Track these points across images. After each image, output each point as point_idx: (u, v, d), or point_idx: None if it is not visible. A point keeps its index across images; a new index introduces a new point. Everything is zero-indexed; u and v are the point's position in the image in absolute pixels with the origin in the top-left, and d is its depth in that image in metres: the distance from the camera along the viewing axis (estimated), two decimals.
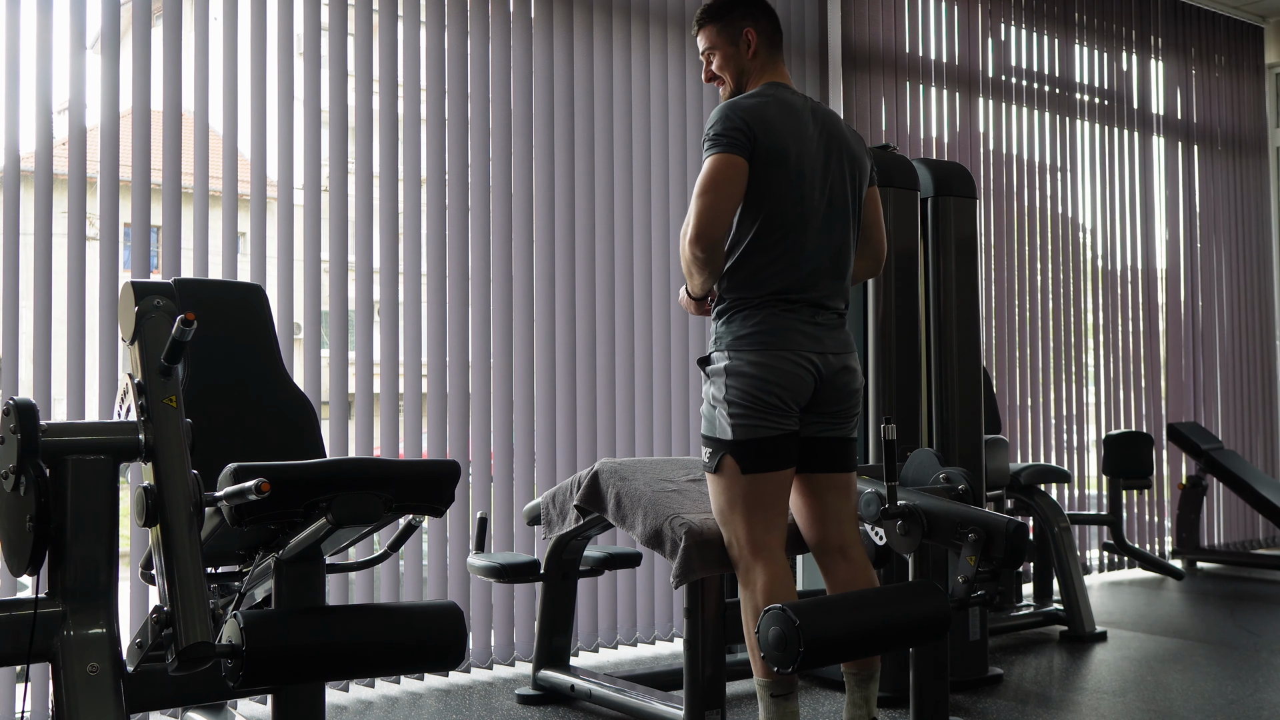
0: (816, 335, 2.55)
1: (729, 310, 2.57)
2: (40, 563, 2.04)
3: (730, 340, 2.55)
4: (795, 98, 2.63)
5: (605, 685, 3.39)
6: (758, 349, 2.51)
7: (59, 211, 3.35)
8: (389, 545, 2.65)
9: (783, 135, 2.54)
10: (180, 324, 1.97)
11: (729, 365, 2.53)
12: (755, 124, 2.51)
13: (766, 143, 2.51)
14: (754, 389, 2.49)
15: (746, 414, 2.50)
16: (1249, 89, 7.20)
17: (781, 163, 2.53)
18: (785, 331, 2.52)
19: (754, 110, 2.54)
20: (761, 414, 2.49)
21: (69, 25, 3.39)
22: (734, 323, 2.55)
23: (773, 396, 2.49)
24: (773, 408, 2.50)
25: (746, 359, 2.51)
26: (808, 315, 2.55)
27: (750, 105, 2.55)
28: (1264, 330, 7.19)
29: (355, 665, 2.14)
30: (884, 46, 5.36)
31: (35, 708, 3.22)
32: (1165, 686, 3.71)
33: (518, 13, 4.25)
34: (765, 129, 2.52)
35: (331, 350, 3.79)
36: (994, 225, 5.78)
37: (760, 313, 2.53)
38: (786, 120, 2.56)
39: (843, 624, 2.41)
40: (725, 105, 2.56)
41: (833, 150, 2.62)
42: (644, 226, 4.45)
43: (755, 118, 2.52)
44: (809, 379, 2.53)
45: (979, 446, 3.73)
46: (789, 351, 2.51)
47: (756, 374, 2.49)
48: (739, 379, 2.51)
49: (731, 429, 2.51)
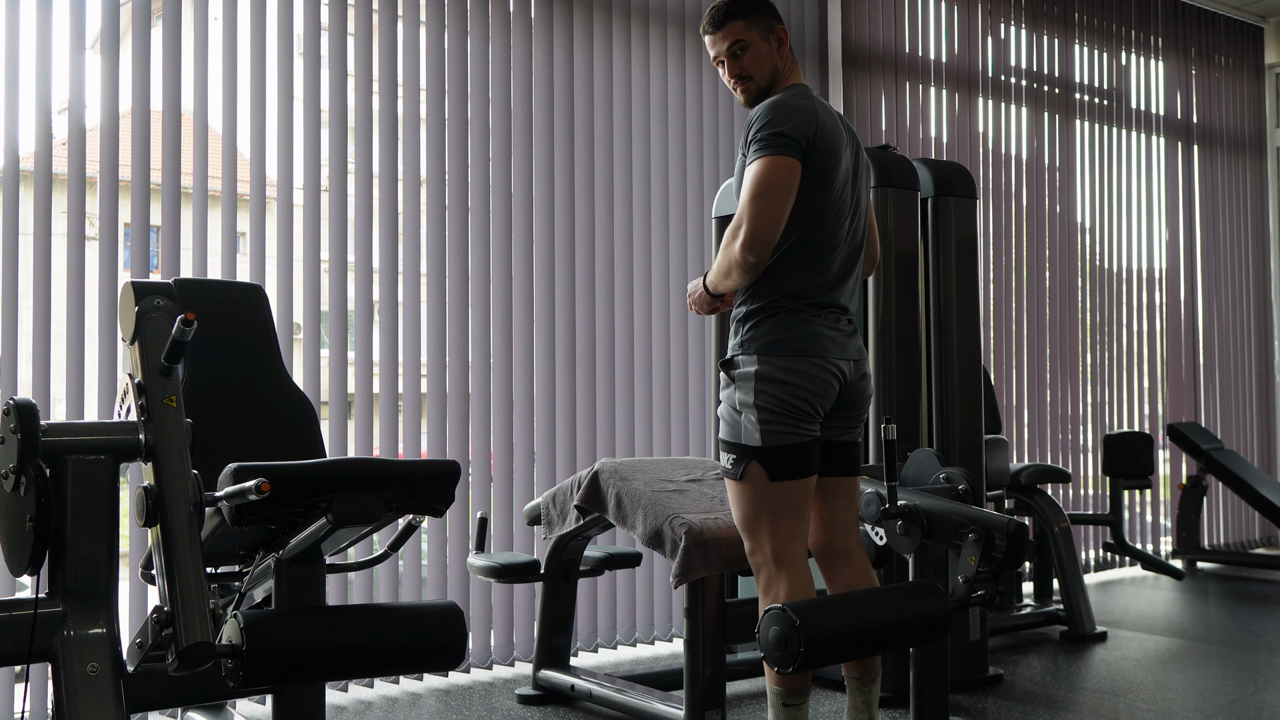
0: (842, 341, 2.53)
1: (760, 314, 2.50)
2: (40, 563, 2.04)
3: (760, 345, 2.48)
4: (815, 100, 2.57)
5: (605, 685, 3.39)
6: (792, 355, 2.46)
7: (59, 211, 3.35)
8: (389, 545, 2.65)
9: (835, 141, 2.50)
10: (180, 324, 1.97)
11: (760, 370, 2.46)
12: (810, 127, 2.44)
13: (821, 147, 2.45)
14: (787, 395, 2.44)
15: (777, 420, 2.43)
16: (1249, 89, 7.20)
17: (833, 169, 2.49)
18: (817, 338, 2.48)
19: (809, 113, 2.46)
20: (793, 421, 2.44)
21: (69, 25, 3.39)
22: (763, 326, 2.49)
23: (804, 403, 2.45)
24: (804, 414, 2.45)
25: (779, 364, 2.45)
26: (833, 321, 2.52)
27: (804, 107, 2.47)
28: (1264, 330, 7.19)
29: (355, 665, 2.14)
30: (884, 46, 5.36)
31: (35, 708, 3.22)
32: (1165, 686, 3.71)
33: (518, 13, 4.25)
34: (820, 133, 2.46)
35: (331, 350, 3.79)
36: (994, 225, 5.78)
37: (793, 318, 2.47)
38: (832, 125, 2.52)
39: (843, 624, 2.41)
40: (775, 104, 2.45)
41: (857, 156, 2.61)
42: (644, 226, 4.45)
43: (810, 120, 2.45)
44: (835, 385, 2.50)
45: (979, 446, 3.73)
46: (820, 358, 2.47)
47: (790, 380, 2.44)
48: (771, 384, 2.44)
49: (761, 435, 2.44)
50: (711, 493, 3.10)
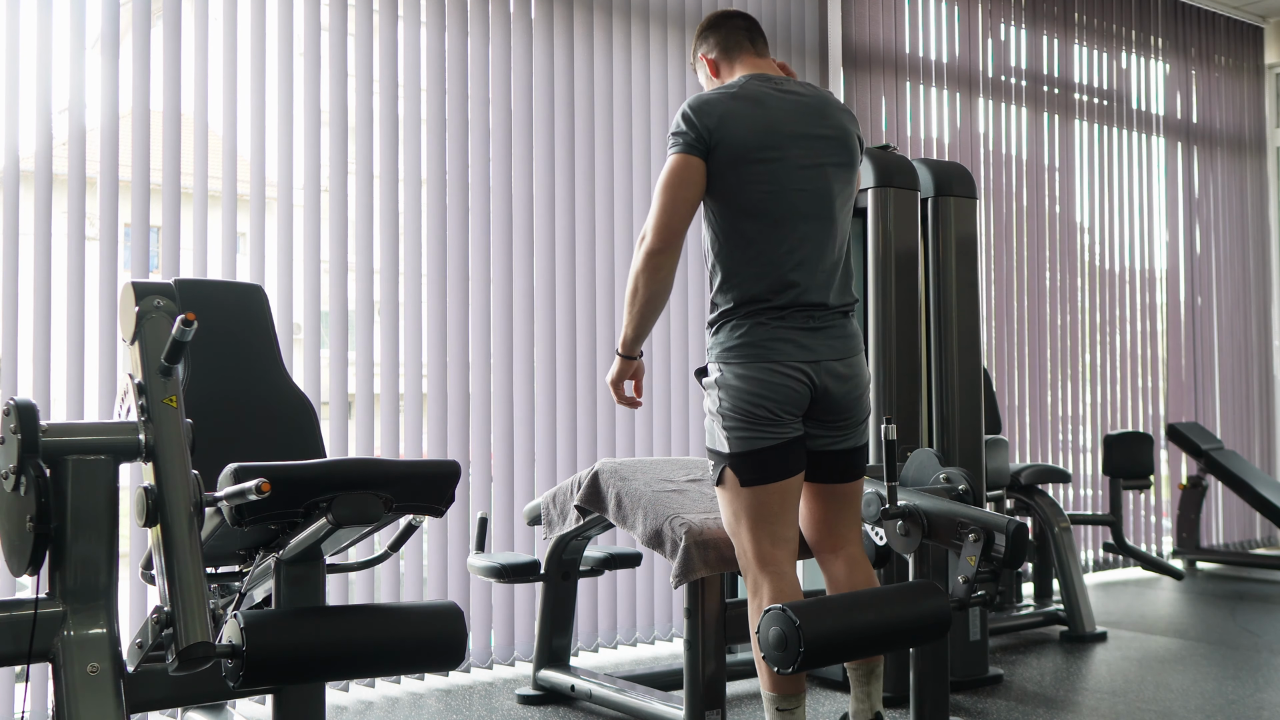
0: (807, 344, 2.44)
1: (717, 320, 2.50)
2: (40, 563, 2.04)
3: (719, 352, 2.48)
4: (765, 87, 2.52)
5: (605, 685, 3.39)
6: (743, 361, 2.43)
7: (58, 212, 3.35)
8: (389, 545, 2.65)
9: (745, 126, 2.45)
10: (180, 324, 1.96)
11: (719, 378, 2.46)
12: (708, 120, 2.44)
13: (729, 140, 2.43)
14: (743, 401, 2.41)
15: (739, 427, 2.42)
16: (1249, 89, 7.20)
17: (746, 158, 2.45)
18: (771, 342, 2.42)
19: (709, 107, 2.46)
20: (755, 426, 2.41)
21: (69, 25, 3.39)
22: (721, 333, 2.48)
23: (762, 409, 2.41)
24: (764, 419, 2.41)
25: (734, 371, 2.43)
26: (799, 321, 2.45)
27: (706, 101, 2.48)
28: (1264, 330, 7.19)
29: (355, 665, 2.14)
30: (884, 46, 5.36)
31: (35, 708, 3.22)
32: (1165, 686, 3.71)
33: (518, 13, 4.25)
34: (726, 124, 2.44)
35: (331, 350, 3.79)
36: (994, 225, 5.78)
37: (746, 323, 2.44)
38: (752, 110, 2.46)
39: (843, 624, 2.40)
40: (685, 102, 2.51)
41: (817, 138, 2.50)
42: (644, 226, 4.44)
43: (709, 114, 2.45)
44: (802, 389, 2.43)
45: (979, 446, 3.73)
46: (775, 363, 2.41)
47: (744, 386, 2.41)
48: (728, 391, 2.43)
49: (728, 442, 2.44)
50: (711, 493, 3.10)
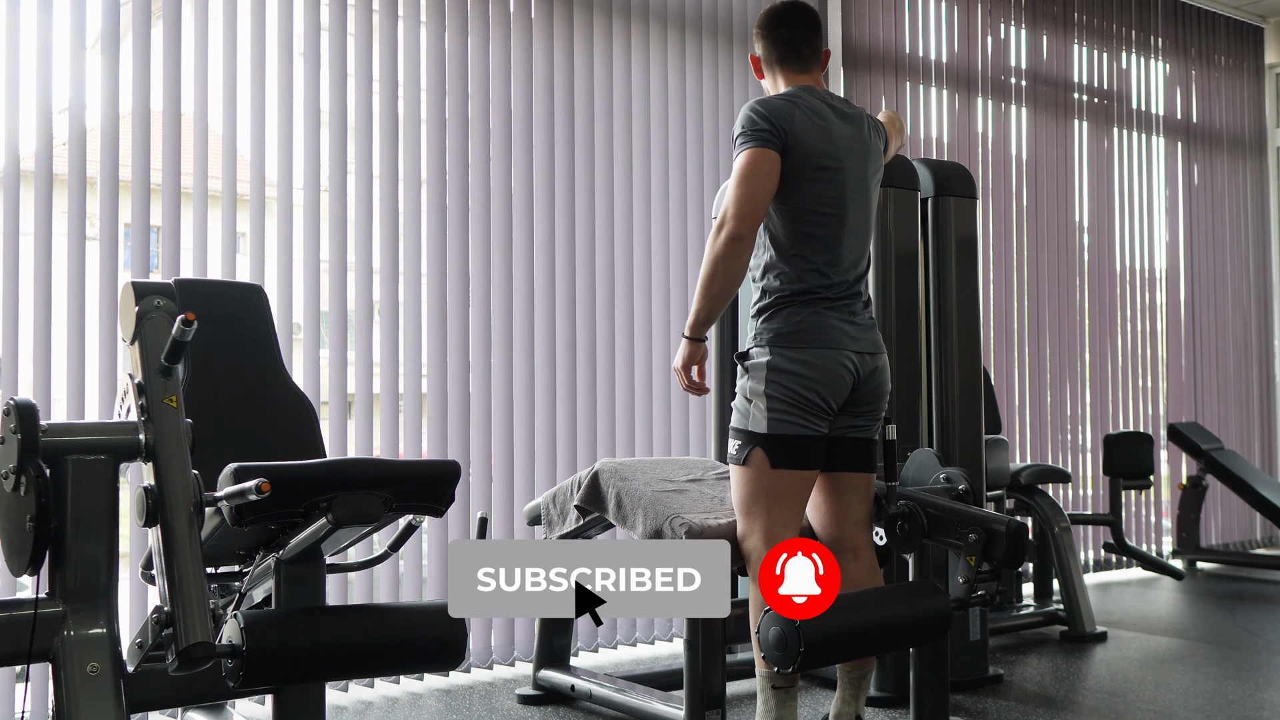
0: (855, 334, 2.59)
1: (772, 308, 2.59)
2: (40, 563, 2.04)
3: (772, 337, 2.56)
4: (818, 102, 2.66)
5: (605, 685, 3.39)
6: (803, 346, 2.53)
7: (59, 212, 3.35)
8: (389, 545, 2.65)
9: (825, 132, 2.59)
10: (180, 324, 1.97)
11: (771, 361, 2.54)
12: (782, 122, 2.55)
13: (802, 139, 2.55)
14: (798, 386, 2.51)
15: (785, 410, 2.51)
16: (1249, 89, 7.20)
17: (814, 164, 2.57)
18: (829, 329, 2.55)
19: (780, 110, 2.57)
20: (801, 412, 2.51)
21: (69, 25, 3.39)
22: (776, 320, 2.57)
23: (815, 395, 2.52)
24: (813, 407, 2.52)
25: (790, 356, 2.53)
26: (846, 314, 2.59)
27: (776, 105, 2.58)
28: (1264, 330, 7.18)
29: (355, 665, 2.14)
30: (884, 46, 5.36)
31: (35, 708, 3.22)
32: (1165, 686, 3.71)
33: (518, 13, 4.25)
34: (799, 127, 2.56)
35: (331, 350, 3.79)
36: (994, 225, 5.78)
37: (804, 311, 2.56)
38: (814, 121, 2.60)
39: (843, 624, 2.41)
40: (748, 104, 2.60)
41: (863, 153, 2.67)
42: (644, 226, 4.45)
43: (782, 117, 2.55)
44: (849, 378, 2.57)
45: (979, 446, 3.73)
46: (833, 349, 2.54)
47: (801, 371, 2.52)
48: (782, 375, 2.52)
49: (768, 423, 2.52)
50: (712, 493, 3.10)
